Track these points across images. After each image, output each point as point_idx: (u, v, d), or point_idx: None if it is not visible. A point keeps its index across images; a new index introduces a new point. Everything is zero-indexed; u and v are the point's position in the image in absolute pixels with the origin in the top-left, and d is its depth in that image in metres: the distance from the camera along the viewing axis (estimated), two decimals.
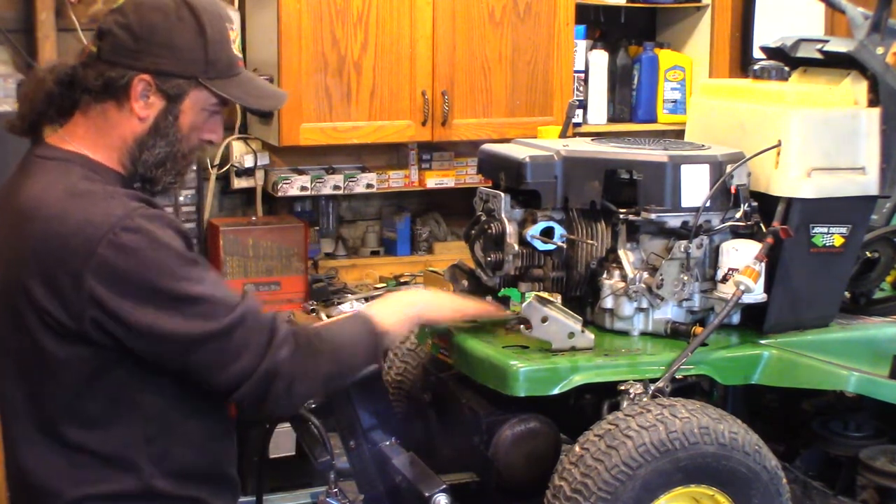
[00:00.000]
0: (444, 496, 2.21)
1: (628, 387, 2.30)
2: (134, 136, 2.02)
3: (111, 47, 2.00)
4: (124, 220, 1.89)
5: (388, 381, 2.80)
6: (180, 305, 1.90)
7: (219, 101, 2.06)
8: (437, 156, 4.45)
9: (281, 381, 1.96)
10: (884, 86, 2.58)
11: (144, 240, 1.89)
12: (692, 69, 4.81)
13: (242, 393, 1.95)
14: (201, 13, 2.02)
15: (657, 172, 2.44)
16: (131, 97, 1.99)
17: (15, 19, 3.95)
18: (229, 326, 1.92)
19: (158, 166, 2.05)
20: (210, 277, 1.96)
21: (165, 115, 2.02)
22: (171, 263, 1.90)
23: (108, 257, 1.87)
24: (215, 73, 2.03)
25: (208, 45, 2.02)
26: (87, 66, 2.02)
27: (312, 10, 3.92)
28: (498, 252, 2.47)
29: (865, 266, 2.79)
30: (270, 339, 1.95)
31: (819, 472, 2.70)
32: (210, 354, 1.93)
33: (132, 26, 1.99)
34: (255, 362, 1.93)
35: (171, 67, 1.99)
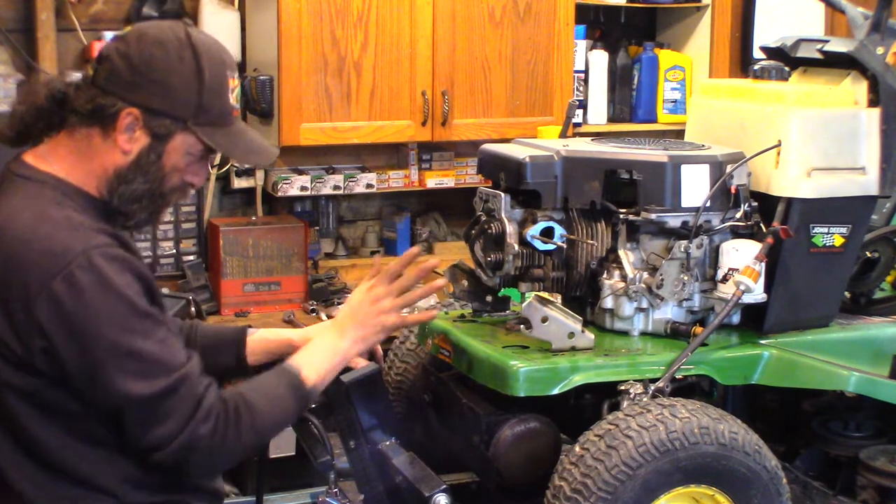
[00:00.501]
0: (444, 496, 2.21)
1: (628, 387, 2.30)
2: (115, 168, 1.98)
3: (107, 74, 1.96)
4: (81, 258, 1.86)
5: (388, 381, 2.80)
6: (119, 358, 1.87)
7: (205, 148, 2.01)
8: (437, 156, 4.44)
9: (197, 455, 1.93)
10: (884, 86, 2.58)
11: (97, 282, 1.86)
12: (692, 69, 4.80)
13: (159, 457, 1.93)
14: (203, 56, 1.97)
15: (657, 172, 2.44)
16: (117, 128, 1.95)
17: (15, 19, 3.95)
18: (161, 392, 1.89)
19: (134, 202, 2.00)
20: (158, 333, 1.92)
21: (148, 153, 1.97)
22: (119, 311, 1.87)
23: (59, 293, 1.85)
24: (206, 119, 1.98)
25: (204, 90, 1.97)
26: (80, 88, 1.99)
27: (312, 10, 3.92)
28: (498, 252, 2.47)
29: (865, 266, 2.80)
30: (195, 411, 1.91)
31: (819, 472, 2.70)
32: (135, 414, 1.90)
33: (131, 57, 1.95)
34: (174, 433, 1.90)
35: (162, 106, 1.94)
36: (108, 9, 4.07)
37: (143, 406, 1.89)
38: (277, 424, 2.08)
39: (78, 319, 1.85)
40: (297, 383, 2.09)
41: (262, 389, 2.07)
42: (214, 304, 4.01)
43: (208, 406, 1.93)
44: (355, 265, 4.45)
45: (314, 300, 4.08)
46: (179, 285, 4.05)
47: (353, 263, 4.46)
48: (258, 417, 2.01)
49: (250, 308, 4.05)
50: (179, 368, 1.92)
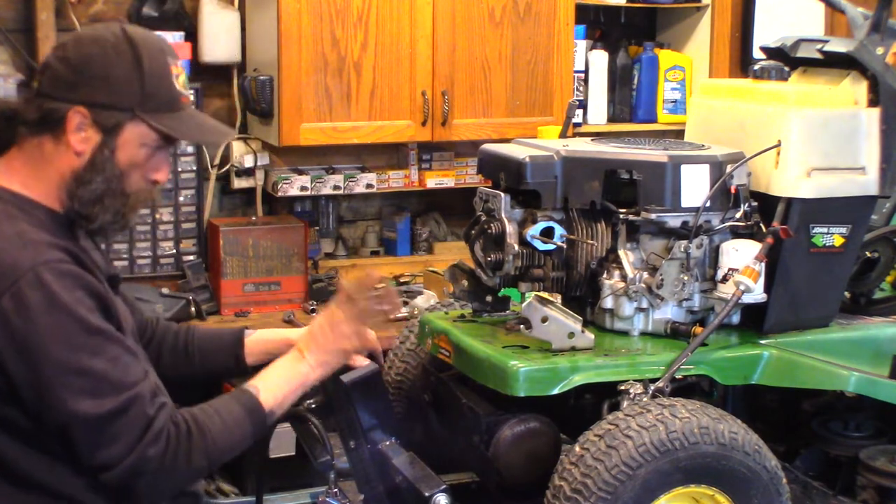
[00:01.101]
0: (444, 496, 2.21)
1: (628, 387, 2.30)
2: (71, 171, 1.97)
3: (50, 81, 1.97)
4: (29, 274, 1.85)
5: (388, 381, 2.79)
6: (67, 376, 1.85)
7: (157, 135, 2.00)
8: (437, 156, 4.45)
9: (145, 478, 1.90)
10: (884, 86, 2.58)
11: (45, 299, 1.84)
12: (692, 69, 4.80)
13: (106, 478, 1.90)
14: (140, 46, 1.98)
15: (657, 172, 2.44)
16: (67, 130, 1.95)
17: (15, 19, 3.95)
18: (109, 412, 1.87)
19: (95, 203, 1.98)
20: (109, 351, 1.89)
21: (102, 150, 1.96)
22: (67, 329, 1.85)
23: (7, 310, 1.84)
24: (153, 106, 1.98)
25: (145, 77, 1.97)
26: (27, 101, 2.00)
27: (312, 10, 3.92)
28: (498, 252, 2.47)
29: (865, 266, 2.79)
30: (144, 432, 1.88)
31: (819, 472, 2.70)
32: (83, 433, 1.87)
33: (70, 59, 1.96)
34: (122, 455, 1.87)
35: (106, 99, 1.95)
36: (108, 9, 4.07)
37: (91, 426, 1.86)
38: (231, 448, 2.03)
39: (25, 337, 1.84)
40: (253, 407, 2.06)
41: (218, 412, 2.03)
42: (214, 304, 4.01)
43: (158, 428, 1.90)
44: (355, 265, 4.45)
45: (314, 300, 4.09)
46: (179, 285, 4.05)
47: (353, 263, 4.46)
48: (210, 441, 1.97)
49: (250, 308, 4.05)
50: (130, 388, 1.89)
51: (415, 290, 4.14)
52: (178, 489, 2.00)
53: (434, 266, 4.33)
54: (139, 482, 1.90)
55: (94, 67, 1.95)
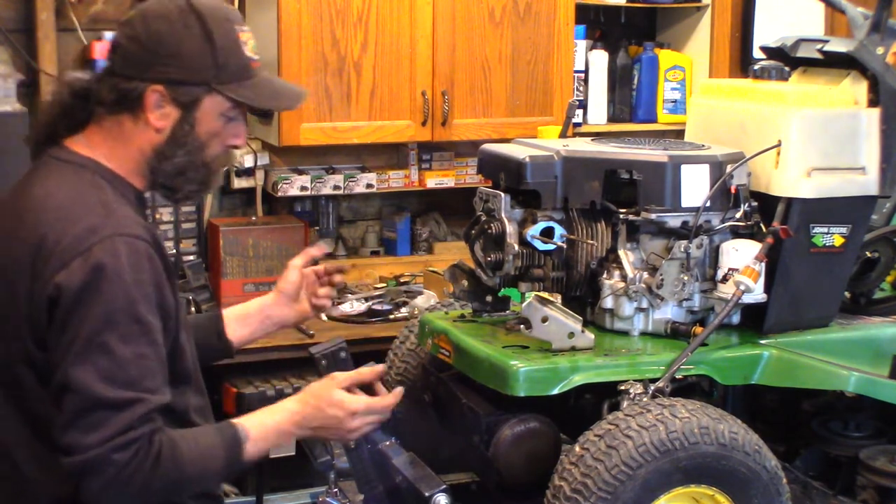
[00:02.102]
0: (444, 496, 2.21)
1: (628, 387, 2.30)
2: (152, 147, 2.01)
3: (122, 60, 2.00)
4: (106, 241, 1.87)
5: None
6: (91, 347, 1.84)
7: (234, 105, 2.04)
8: (437, 156, 4.44)
9: (97, 480, 1.85)
10: (884, 86, 2.58)
11: (110, 268, 1.85)
12: (692, 69, 4.80)
13: (67, 463, 1.86)
14: (207, 18, 2.00)
15: (657, 172, 2.44)
16: (146, 108, 1.98)
17: (15, 19, 3.94)
18: (107, 401, 1.84)
19: (178, 175, 2.03)
20: (141, 347, 1.88)
21: (182, 125, 2.00)
22: (116, 305, 1.86)
23: (75, 269, 1.85)
24: (227, 77, 2.01)
25: (216, 49, 1.99)
26: (100, 80, 2.02)
27: (312, 10, 3.92)
28: (498, 252, 2.47)
29: (865, 266, 2.79)
30: (120, 434, 1.84)
31: (819, 472, 2.70)
32: (69, 407, 1.85)
33: (140, 38, 1.98)
34: (90, 445, 1.83)
35: (182, 76, 1.98)
36: (108, 9, 4.07)
37: (83, 403, 1.84)
38: (196, 482, 1.99)
39: (79, 295, 1.85)
40: (235, 452, 2.01)
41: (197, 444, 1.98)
42: (214, 304, 4.01)
43: (134, 437, 1.86)
44: (355, 265, 4.45)
45: None
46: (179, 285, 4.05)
47: (353, 263, 4.45)
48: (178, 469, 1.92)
49: None
50: (139, 391, 1.87)
51: (415, 290, 4.14)
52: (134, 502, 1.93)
53: (434, 266, 4.33)
54: (92, 482, 1.85)
55: (166, 45, 1.97)
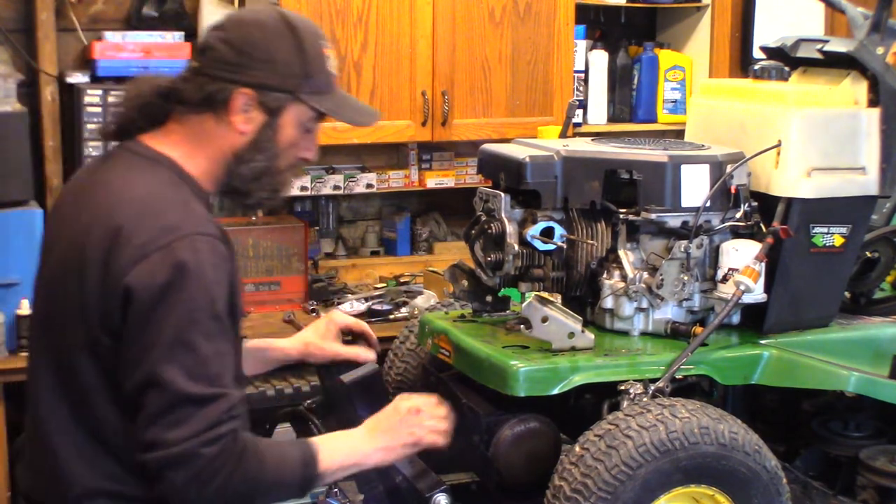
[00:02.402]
0: (444, 496, 2.22)
1: (628, 387, 2.30)
2: (233, 150, 2.03)
3: (212, 61, 2.02)
4: (186, 238, 1.89)
5: (388, 381, 2.80)
6: (174, 344, 1.86)
7: (316, 115, 2.08)
8: (437, 156, 4.45)
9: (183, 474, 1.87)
10: (884, 86, 2.58)
11: (192, 266, 1.87)
12: (692, 69, 4.80)
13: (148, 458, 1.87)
14: (300, 30, 2.05)
15: (657, 172, 2.44)
16: (231, 110, 2.01)
17: (15, 19, 3.95)
18: (192, 396, 1.86)
19: (254, 180, 2.06)
20: (220, 344, 1.91)
21: (265, 130, 2.03)
22: (197, 303, 1.87)
23: (155, 264, 1.86)
24: (313, 87, 2.05)
25: (307, 60, 2.04)
26: (186, 80, 2.04)
27: (312, 10, 3.92)
28: (498, 252, 2.47)
29: (865, 266, 2.79)
30: (207, 430, 1.86)
31: (819, 472, 2.70)
32: (155, 403, 1.86)
33: (233, 41, 2.01)
34: (175, 440, 1.85)
35: (272, 81, 2.01)
36: (108, 9, 4.07)
37: (168, 399, 1.86)
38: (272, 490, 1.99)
39: (161, 292, 1.86)
40: (310, 462, 2.03)
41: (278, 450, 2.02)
42: None
43: (222, 432, 1.88)
44: (355, 265, 4.45)
45: (314, 300, 4.08)
46: None
47: (353, 263, 4.46)
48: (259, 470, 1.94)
49: (250, 308, 4.04)
50: (221, 386, 1.89)
51: (415, 290, 4.14)
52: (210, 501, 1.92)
53: (434, 266, 4.33)
54: (177, 475, 1.87)
55: (259, 50, 2.01)
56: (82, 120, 3.78)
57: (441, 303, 3.07)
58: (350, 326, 2.50)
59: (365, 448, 2.13)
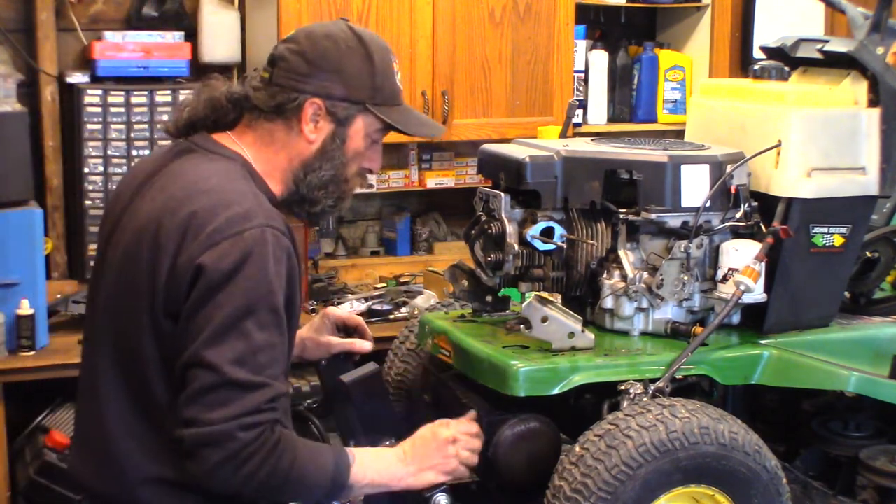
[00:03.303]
0: (444, 496, 2.22)
1: (628, 387, 2.30)
2: (301, 158, 2.10)
3: (284, 72, 2.08)
4: (256, 229, 1.94)
5: (388, 381, 2.80)
6: (228, 329, 1.90)
7: (383, 126, 2.12)
8: (437, 156, 4.45)
9: (218, 454, 1.88)
10: (884, 86, 2.57)
11: (257, 256, 1.92)
12: (692, 69, 4.81)
13: (184, 434, 1.89)
14: (369, 43, 2.11)
15: (657, 172, 2.44)
16: (302, 119, 2.07)
17: (15, 19, 3.95)
18: (237, 381, 1.88)
19: (321, 188, 2.11)
20: (273, 336, 1.94)
21: (333, 139, 2.09)
22: (257, 293, 1.92)
23: (225, 250, 1.91)
24: (381, 99, 2.11)
25: (376, 72, 2.10)
26: (258, 89, 2.10)
27: (312, 10, 3.92)
28: (498, 252, 2.47)
29: (865, 266, 2.79)
30: (247, 415, 1.89)
31: (819, 472, 2.70)
32: (198, 383, 1.89)
33: (305, 53, 2.08)
34: (214, 420, 1.88)
35: (341, 92, 2.07)
36: (108, 9, 4.08)
37: (213, 381, 1.88)
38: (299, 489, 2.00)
39: (225, 277, 1.90)
40: (342, 470, 2.04)
41: (313, 451, 2.03)
42: None
43: (260, 420, 1.90)
44: (355, 265, 4.45)
45: (314, 300, 4.08)
46: None
47: (353, 263, 4.46)
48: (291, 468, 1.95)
49: None
50: (268, 376, 1.92)
51: (415, 290, 4.14)
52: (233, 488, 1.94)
53: (434, 266, 4.33)
54: (211, 454, 1.89)
55: (330, 61, 2.08)
56: (82, 120, 3.79)
57: (441, 303, 3.07)
58: (344, 320, 2.53)
59: (397, 471, 2.15)
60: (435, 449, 2.21)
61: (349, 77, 2.08)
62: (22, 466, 3.60)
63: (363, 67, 2.09)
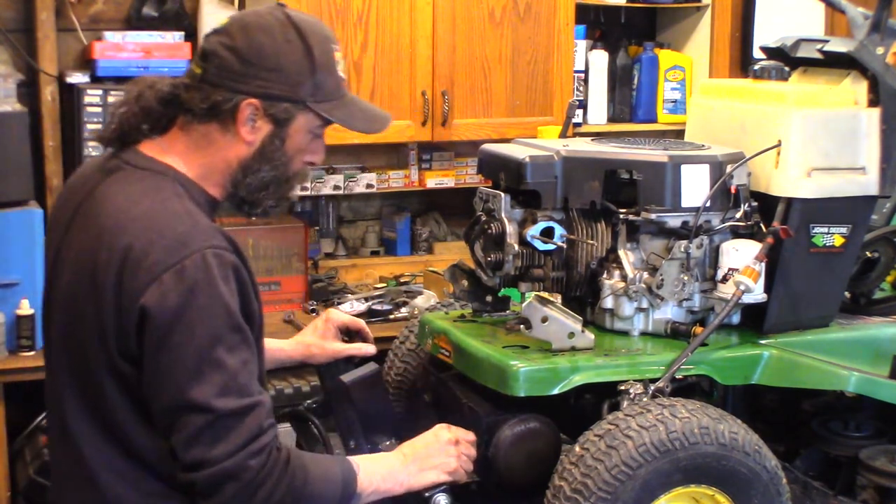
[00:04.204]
0: (444, 496, 2.21)
1: (628, 387, 2.30)
2: (238, 160, 1.98)
3: (217, 69, 1.94)
4: (196, 255, 1.85)
5: (388, 381, 2.80)
6: (201, 364, 1.83)
7: (324, 123, 2.02)
8: (437, 156, 4.45)
9: (237, 485, 1.86)
10: (884, 86, 2.57)
11: (205, 283, 1.84)
12: (692, 69, 4.81)
13: (195, 478, 1.86)
14: (309, 35, 1.97)
15: (657, 172, 2.44)
16: (238, 121, 1.94)
17: (15, 19, 3.95)
18: (228, 412, 1.84)
19: (261, 190, 2.01)
20: (243, 353, 1.88)
21: (272, 140, 1.97)
22: (217, 319, 1.84)
23: (168, 285, 1.83)
24: (322, 96, 1.98)
25: (316, 68, 1.96)
26: (190, 88, 1.97)
27: (312, 10, 3.92)
28: (498, 252, 2.47)
29: (865, 266, 2.79)
30: (250, 442, 1.86)
31: (819, 472, 2.70)
32: (191, 425, 1.84)
33: (239, 49, 1.94)
34: (220, 457, 1.84)
35: (280, 91, 1.94)
36: (108, 9, 4.08)
37: (204, 420, 1.83)
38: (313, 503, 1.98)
39: (177, 314, 1.82)
40: (350, 481, 2.03)
41: (322, 465, 2.01)
42: None
43: (265, 442, 1.88)
44: (355, 265, 4.45)
45: (314, 300, 4.09)
46: None
47: (353, 263, 4.46)
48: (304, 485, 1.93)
49: None
50: (252, 395, 1.88)
51: (415, 290, 4.14)
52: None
53: (434, 266, 4.33)
54: (229, 489, 1.85)
55: (266, 59, 1.94)
56: (82, 120, 3.79)
57: (441, 303, 3.07)
58: (347, 324, 2.52)
59: (400, 473, 2.14)
60: (437, 449, 2.20)
61: (287, 75, 1.94)
62: (22, 466, 3.60)
63: (302, 63, 1.95)
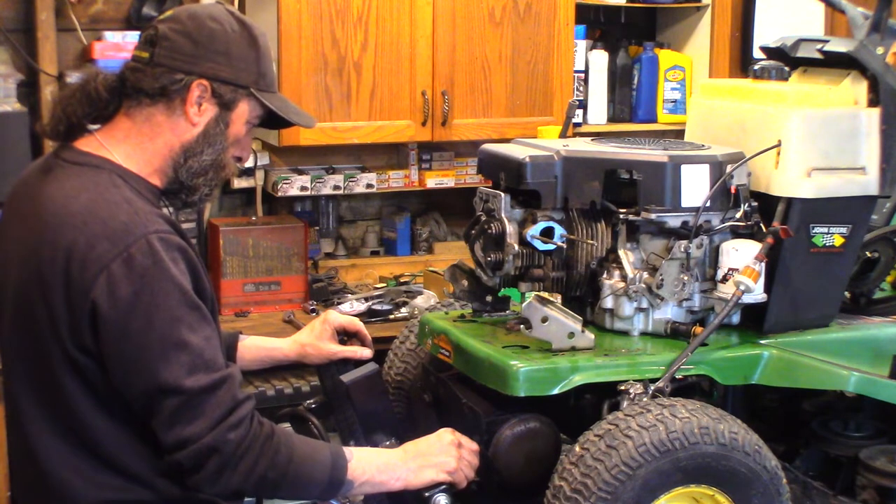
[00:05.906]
0: (444, 496, 2.22)
1: (628, 387, 2.30)
2: (181, 143, 2.03)
3: (168, 52, 2.00)
4: (141, 241, 1.87)
5: (388, 381, 2.79)
6: (166, 347, 1.87)
7: (262, 113, 2.08)
8: (437, 156, 4.45)
9: (216, 460, 1.90)
10: (884, 86, 2.57)
11: (154, 268, 1.87)
12: (692, 69, 4.81)
13: (179, 457, 1.89)
14: (252, 28, 2.07)
15: (657, 172, 2.44)
16: (187, 101, 2.00)
17: (15, 19, 3.95)
18: (201, 388, 1.88)
19: (201, 175, 2.05)
20: (204, 329, 1.92)
21: (217, 123, 2.03)
22: (172, 301, 1.88)
23: (117, 274, 1.85)
24: (264, 85, 2.08)
25: (260, 57, 2.06)
26: (137, 71, 2.02)
27: (312, 10, 3.92)
28: (498, 252, 2.47)
29: (865, 266, 2.79)
30: (228, 415, 1.90)
31: (819, 472, 2.69)
32: (167, 408, 1.88)
33: (191, 33, 2.01)
34: (201, 433, 1.88)
35: (229, 75, 2.03)
36: (108, 9, 4.08)
37: (179, 400, 1.87)
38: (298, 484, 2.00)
39: (132, 304, 1.85)
40: (340, 465, 2.04)
41: (309, 446, 2.03)
42: None
43: (243, 414, 1.91)
44: (355, 265, 4.46)
45: (314, 300, 4.09)
46: None
47: (353, 263, 4.46)
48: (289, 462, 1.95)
49: (250, 308, 4.05)
50: (221, 369, 1.91)
51: (415, 290, 4.14)
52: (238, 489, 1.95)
53: (434, 266, 4.33)
54: (213, 463, 1.89)
55: (217, 43, 2.02)
56: None
57: (441, 303, 3.07)
58: (344, 326, 2.52)
59: (398, 467, 2.15)
60: (438, 448, 2.21)
61: (236, 60, 2.02)
62: None
63: (249, 52, 2.04)
